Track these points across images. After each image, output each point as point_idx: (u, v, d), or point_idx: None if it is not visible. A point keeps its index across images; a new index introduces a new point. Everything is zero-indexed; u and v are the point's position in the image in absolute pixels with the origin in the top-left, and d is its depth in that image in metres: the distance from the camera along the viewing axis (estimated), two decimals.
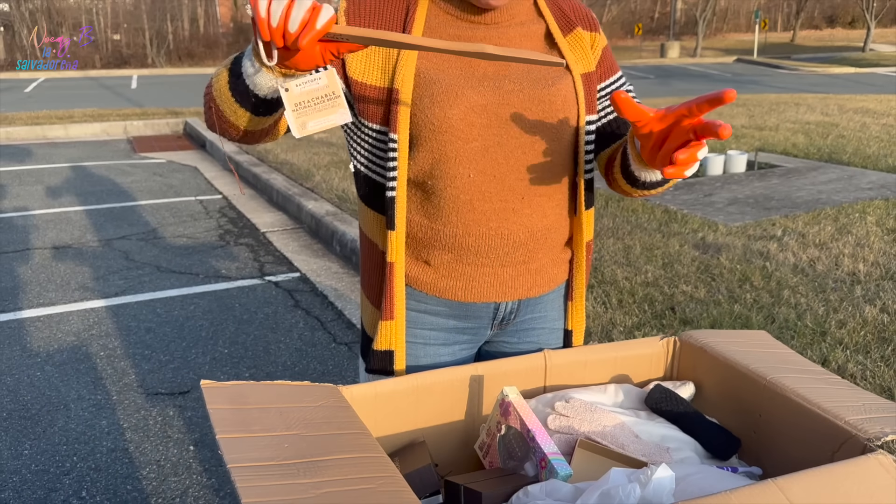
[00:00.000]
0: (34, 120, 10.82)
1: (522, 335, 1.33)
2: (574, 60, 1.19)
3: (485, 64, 1.13)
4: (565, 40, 1.20)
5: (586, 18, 1.24)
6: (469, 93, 1.10)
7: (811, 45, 38.56)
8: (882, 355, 2.56)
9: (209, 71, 26.50)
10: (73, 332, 3.46)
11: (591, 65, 1.21)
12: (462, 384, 1.24)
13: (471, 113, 1.10)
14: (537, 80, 1.14)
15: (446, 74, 1.11)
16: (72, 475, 2.36)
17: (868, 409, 1.17)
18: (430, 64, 1.12)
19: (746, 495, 0.93)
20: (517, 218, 1.17)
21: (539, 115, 1.13)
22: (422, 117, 1.10)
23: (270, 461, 0.87)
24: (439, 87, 1.09)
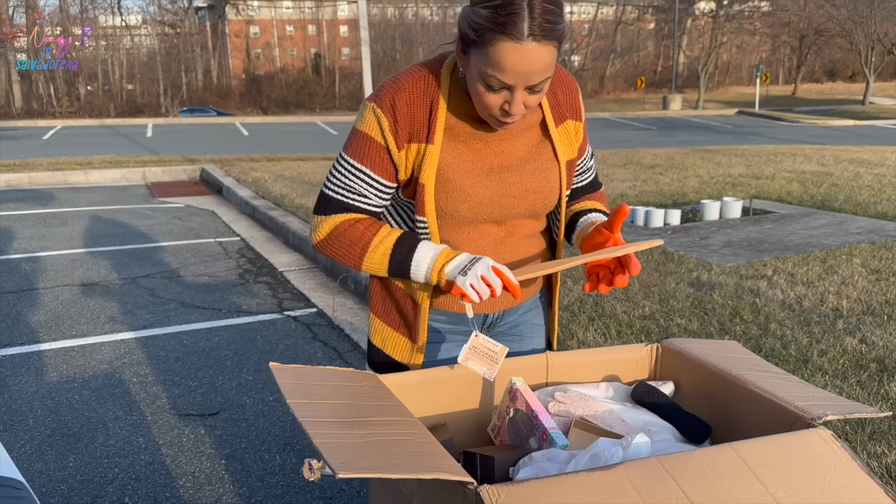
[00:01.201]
0: (55, 165, 11.21)
1: (507, 334, 1.63)
2: (562, 150, 1.46)
3: (492, 158, 1.40)
4: (557, 130, 1.45)
5: (574, 108, 1.47)
6: (477, 189, 1.39)
7: (812, 97, 39.29)
8: (858, 380, 2.78)
9: (222, 121, 27.10)
10: (106, 361, 3.69)
11: (574, 151, 1.49)
12: (476, 377, 1.48)
13: (478, 205, 1.40)
14: (533, 173, 1.43)
15: (460, 173, 1.38)
16: (114, 484, 2.58)
17: (815, 398, 1.41)
18: (449, 160, 1.38)
19: (707, 454, 1.17)
20: (504, 257, 1.50)
21: (531, 202, 1.45)
22: (441, 206, 1.40)
23: (330, 418, 1.12)
24: (453, 186, 1.38)
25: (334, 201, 1.42)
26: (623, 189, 7.98)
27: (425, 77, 1.37)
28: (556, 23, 1.20)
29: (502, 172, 1.41)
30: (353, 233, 1.40)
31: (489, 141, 1.40)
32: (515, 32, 1.17)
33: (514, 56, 1.19)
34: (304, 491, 2.51)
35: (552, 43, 1.21)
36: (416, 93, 1.36)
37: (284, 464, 2.68)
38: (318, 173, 10.02)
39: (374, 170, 1.38)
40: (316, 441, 1.03)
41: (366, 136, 1.37)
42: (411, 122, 1.36)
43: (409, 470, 1.00)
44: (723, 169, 9.69)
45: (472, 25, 1.22)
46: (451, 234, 1.45)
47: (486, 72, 1.22)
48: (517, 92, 1.24)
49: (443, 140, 1.38)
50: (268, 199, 7.78)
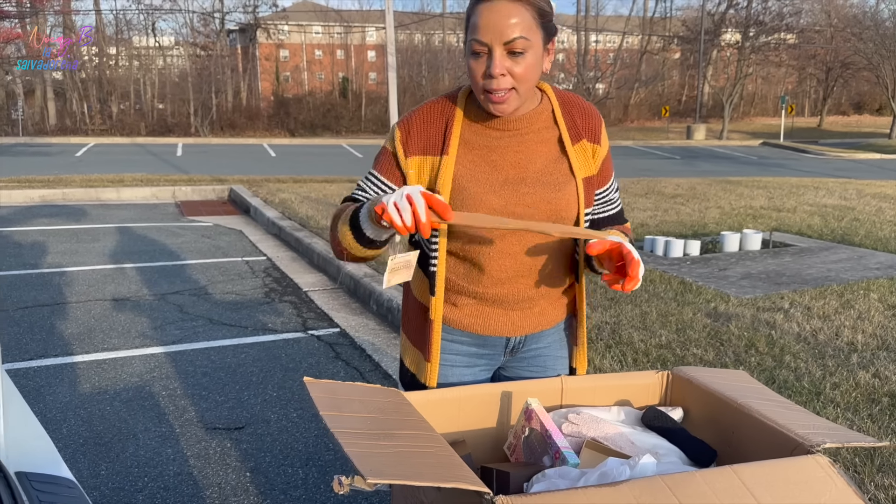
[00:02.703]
0: (88, 182, 11.49)
1: (530, 361, 1.70)
2: (579, 167, 1.52)
3: (508, 169, 1.47)
4: (573, 148, 1.52)
5: (592, 132, 1.55)
6: (491, 198, 1.46)
7: (838, 130, 39.06)
8: (869, 413, 2.83)
9: (250, 142, 27.52)
10: (137, 374, 3.82)
11: (594, 170, 1.55)
12: (494, 398, 1.58)
13: (491, 213, 1.45)
14: (548, 184, 1.48)
15: (474, 182, 1.46)
16: (144, 493, 2.69)
17: (815, 427, 1.48)
18: (464, 170, 1.47)
19: (708, 475, 1.25)
20: (526, 280, 1.56)
21: (547, 212, 1.49)
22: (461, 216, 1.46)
23: (359, 430, 1.22)
24: (468, 194, 1.46)
25: (347, 197, 1.59)
26: (644, 218, 8.04)
27: (444, 100, 1.52)
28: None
29: (517, 183, 1.48)
30: (337, 212, 1.53)
31: (504, 153, 1.48)
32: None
33: (486, 12, 1.33)
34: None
35: (521, 1, 1.34)
36: (433, 112, 1.50)
37: (307, 478, 2.78)
38: (342, 195, 10.19)
39: (381, 171, 1.52)
40: (347, 450, 1.13)
41: (383, 149, 1.54)
42: (426, 138, 1.48)
43: (431, 479, 1.09)
44: (744, 201, 9.72)
45: (466, 17, 1.40)
46: (469, 247, 1.52)
47: (469, 39, 1.37)
48: (496, 50, 1.34)
49: (458, 152, 1.48)
50: (294, 220, 7.95)
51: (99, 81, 35.66)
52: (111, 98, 35.14)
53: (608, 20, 47.67)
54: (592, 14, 46.31)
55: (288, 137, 31.07)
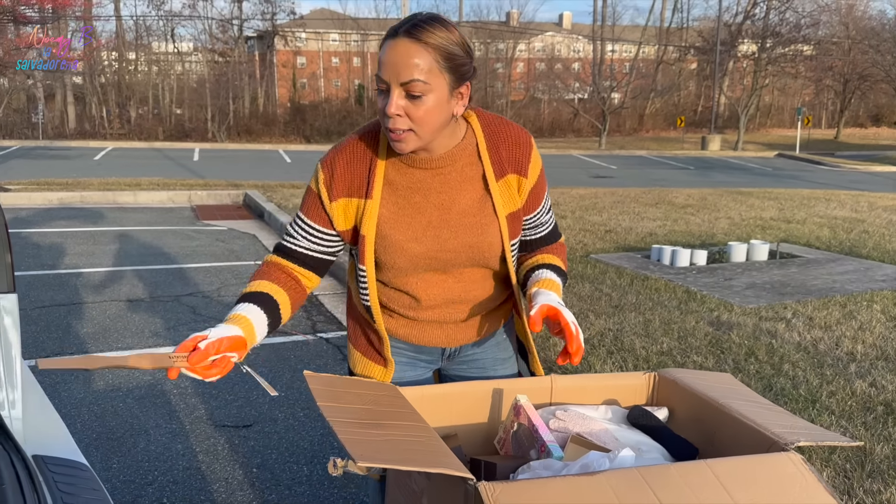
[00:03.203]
0: (106, 186, 11.68)
1: (469, 365, 1.78)
2: (502, 204, 1.51)
3: (431, 212, 1.49)
4: (497, 184, 1.51)
5: (518, 163, 1.52)
6: (412, 245, 1.49)
7: (855, 142, 38.83)
8: (864, 421, 2.88)
9: (266, 147, 27.77)
10: (149, 373, 3.92)
11: (518, 204, 1.54)
12: (486, 395, 1.65)
13: (413, 258, 1.51)
14: (470, 227, 1.50)
15: (397, 229, 1.49)
16: (154, 486, 2.78)
17: (792, 427, 1.55)
18: (388, 214, 1.49)
19: (683, 467, 1.33)
20: (458, 305, 1.63)
21: (469, 256, 1.54)
22: (380, 258, 1.53)
23: (353, 419, 1.30)
24: (390, 241, 1.49)
25: (278, 244, 1.61)
26: (653, 228, 8.09)
27: (366, 137, 1.50)
28: (430, 30, 1.34)
29: (439, 228, 1.50)
30: (258, 270, 1.58)
31: (428, 193, 1.49)
32: (391, 32, 1.36)
33: (388, 50, 1.34)
34: (329, 501, 2.68)
35: (422, 44, 1.33)
36: (357, 151, 1.49)
37: (311, 475, 2.86)
38: None
39: (308, 215, 1.53)
40: (341, 437, 1.21)
41: (308, 190, 1.55)
42: (350, 179, 1.49)
43: (419, 464, 1.17)
44: (755, 212, 9.74)
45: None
46: (400, 281, 1.58)
47: (376, 75, 1.39)
48: (394, 90, 1.34)
49: (382, 194, 1.49)
50: None
51: (118, 86, 36.11)
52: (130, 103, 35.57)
53: (625, 30, 47.70)
54: (609, 24, 46.38)
55: (303, 144, 31.31)
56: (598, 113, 34.86)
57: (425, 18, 1.37)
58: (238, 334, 1.42)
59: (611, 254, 6.51)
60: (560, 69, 44.10)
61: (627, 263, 5.98)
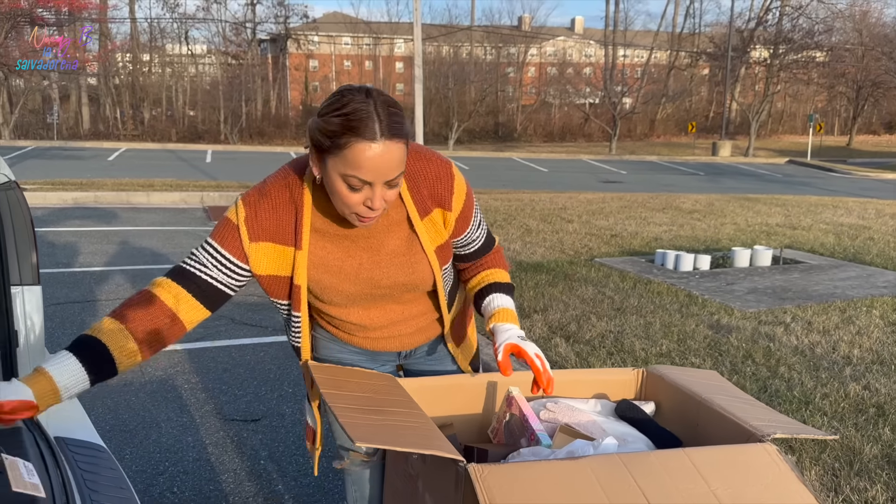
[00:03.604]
0: (119, 186, 11.84)
1: (422, 361, 1.87)
2: (429, 240, 1.57)
3: (360, 255, 1.54)
4: (422, 223, 1.55)
5: (440, 199, 1.55)
6: (346, 286, 1.55)
7: (868, 149, 38.66)
8: (855, 423, 2.95)
9: (278, 150, 27.96)
10: (161, 368, 4.03)
11: (444, 237, 1.60)
12: (481, 387, 1.74)
13: (349, 297, 1.58)
14: (401, 266, 1.57)
15: (329, 273, 1.54)
16: (165, 475, 2.88)
17: (770, 420, 1.63)
18: (318, 261, 1.53)
19: (662, 455, 1.41)
20: (402, 324, 1.72)
21: (403, 290, 1.62)
22: (313, 300, 1.61)
23: (354, 405, 1.39)
24: (324, 285, 1.55)
25: (176, 267, 1.54)
26: (658, 233, 8.16)
27: (289, 184, 1.49)
28: (401, 123, 1.35)
29: (371, 269, 1.55)
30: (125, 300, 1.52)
31: (356, 239, 1.53)
32: (368, 134, 1.31)
33: (370, 154, 1.31)
34: (332, 492, 2.77)
35: (401, 140, 1.35)
36: (281, 199, 1.48)
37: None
38: None
39: (223, 245, 1.48)
40: (341, 420, 1.30)
41: (224, 220, 1.50)
42: (275, 226, 1.48)
43: (413, 446, 1.26)
44: (761, 218, 9.79)
45: (325, 133, 1.34)
46: (341, 312, 1.64)
47: (346, 173, 1.34)
48: (377, 187, 1.36)
49: (311, 241, 1.51)
50: None
51: (132, 88, 36.44)
52: (143, 104, 35.88)
53: (636, 35, 47.71)
54: (621, 29, 46.41)
55: None
56: (608, 118, 34.90)
57: (391, 105, 1.36)
58: (27, 398, 1.34)
59: (615, 258, 6.58)
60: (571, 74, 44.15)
61: (631, 267, 6.05)
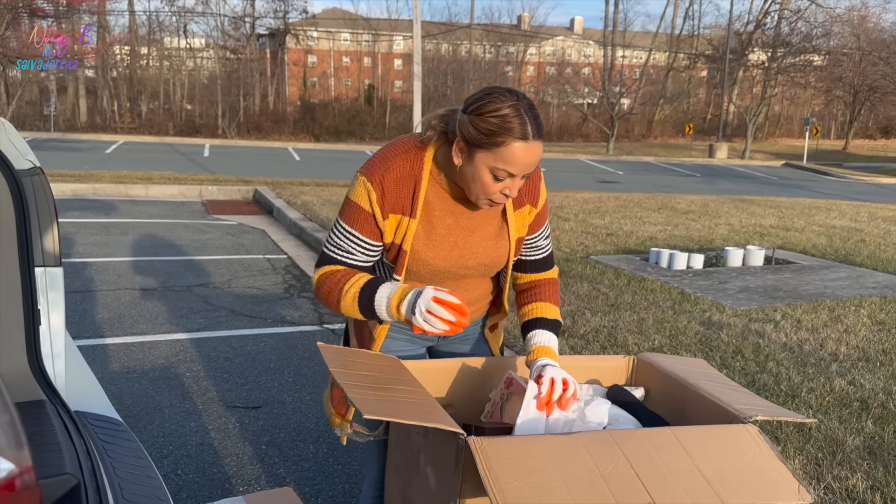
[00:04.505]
0: (118, 178, 11.89)
1: (456, 343, 1.99)
2: (515, 229, 1.77)
3: (457, 234, 1.71)
4: (515, 214, 1.76)
5: (533, 194, 1.77)
6: (437, 262, 1.72)
7: (864, 154, 38.86)
8: (839, 415, 3.05)
9: (276, 145, 27.99)
10: (163, 357, 4.11)
11: (525, 230, 1.80)
12: (481, 370, 1.83)
13: (435, 272, 1.73)
14: (487, 249, 1.75)
15: (427, 247, 1.70)
16: (169, 459, 2.96)
17: (753, 404, 1.72)
18: (421, 233, 1.69)
19: (649, 432, 1.50)
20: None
21: (482, 269, 1.78)
22: (409, 268, 1.73)
23: (361, 383, 1.48)
24: (419, 256, 1.70)
25: (327, 257, 1.73)
26: (653, 232, 8.26)
27: (411, 158, 1.66)
28: (542, 124, 1.55)
29: (462, 249, 1.72)
30: (331, 280, 1.69)
31: (459, 217, 1.71)
32: (523, 135, 1.50)
33: (523, 153, 1.51)
34: (332, 476, 2.86)
35: (543, 139, 1.55)
36: (402, 171, 1.65)
37: (317, 453, 3.04)
38: None
39: (363, 233, 1.68)
40: (350, 395, 1.39)
41: (357, 206, 1.67)
42: (397, 197, 1.65)
43: (417, 419, 1.35)
44: (755, 219, 9.90)
45: (480, 131, 1.51)
46: (424, 282, 1.77)
47: (497, 166, 1.53)
48: (517, 179, 1.57)
49: (421, 214, 1.68)
50: (315, 222, 8.25)
51: (130, 81, 36.45)
52: (141, 97, 35.89)
53: (636, 36, 47.83)
54: (620, 29, 46.52)
55: (313, 142, 31.55)
56: (606, 118, 35.02)
57: (534, 108, 1.54)
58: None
59: (610, 256, 6.68)
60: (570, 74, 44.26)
61: (626, 265, 6.15)
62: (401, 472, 1.67)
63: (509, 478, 1.29)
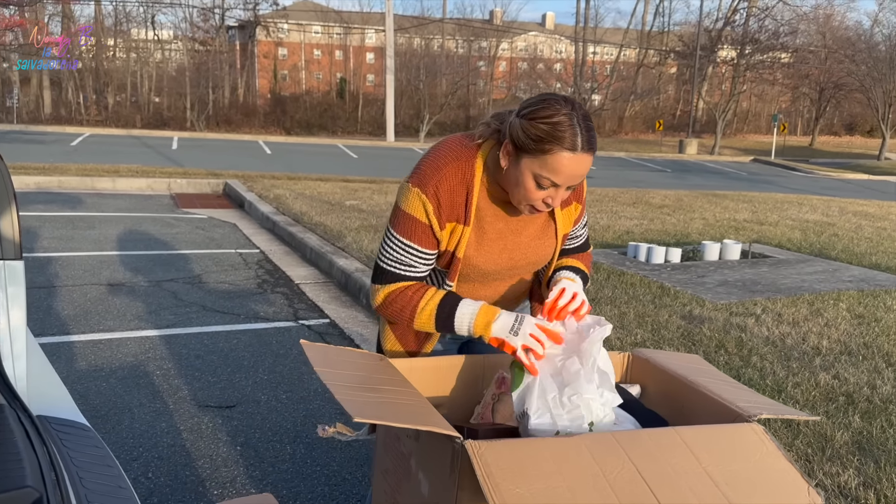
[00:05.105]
0: (84, 171, 11.60)
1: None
2: (561, 227, 1.76)
3: (508, 237, 1.70)
4: (562, 213, 1.76)
5: (579, 193, 1.78)
6: (489, 266, 1.71)
7: (829, 150, 39.48)
8: (826, 410, 3.02)
9: (246, 138, 27.62)
10: (132, 355, 3.96)
11: (571, 226, 1.80)
12: (472, 369, 1.75)
13: (486, 275, 1.73)
14: (536, 249, 1.74)
15: (479, 252, 1.69)
16: (139, 461, 2.83)
17: (755, 402, 1.66)
18: (474, 240, 1.67)
19: (654, 433, 1.43)
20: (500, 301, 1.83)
21: (530, 268, 1.80)
22: (462, 272, 1.70)
23: (348, 384, 1.38)
24: (471, 262, 1.69)
25: (388, 273, 1.68)
26: (630, 226, 8.24)
27: (462, 165, 1.62)
28: (595, 138, 1.52)
29: (512, 251, 1.72)
30: (402, 299, 1.67)
31: (508, 221, 1.69)
32: (572, 145, 1.47)
33: (570, 163, 1.48)
34: (311, 477, 2.75)
35: (593, 153, 1.52)
36: (455, 181, 1.62)
37: (294, 453, 2.93)
38: (337, 193, 10.35)
39: (422, 245, 1.65)
40: (338, 397, 1.29)
41: (413, 219, 1.63)
42: (452, 206, 1.62)
43: (409, 422, 1.26)
44: (729, 213, 9.95)
45: (529, 136, 1.48)
46: (463, 287, 1.76)
47: (541, 174, 1.50)
48: (561, 189, 1.54)
49: (474, 221, 1.66)
50: (288, 216, 8.10)
51: (96, 72, 35.70)
52: (108, 89, 35.18)
53: (606, 32, 48.04)
54: (591, 25, 46.67)
55: (284, 135, 31.20)
56: None
57: (589, 119, 1.50)
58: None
59: None
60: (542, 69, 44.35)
61: (604, 259, 6.11)
62: (389, 478, 1.58)
63: (510, 484, 1.21)
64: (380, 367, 1.53)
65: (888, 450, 2.70)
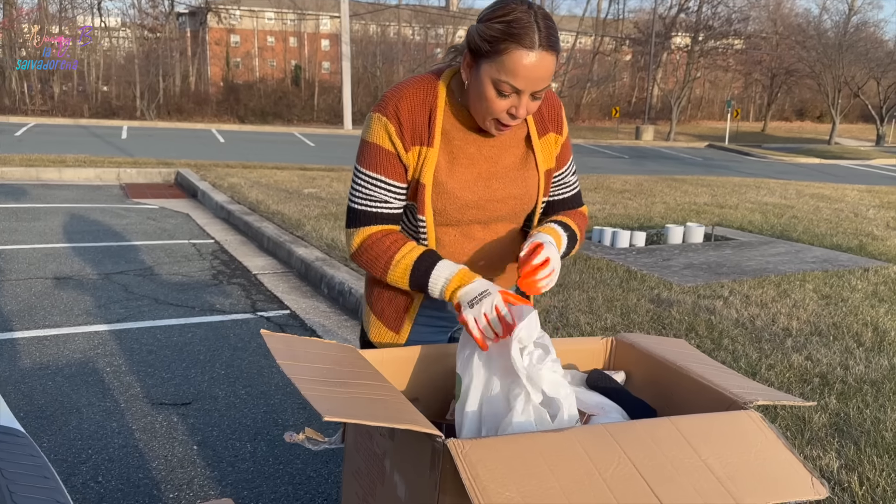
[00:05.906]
0: (28, 162, 11.15)
1: None
2: (542, 160, 1.62)
3: (482, 164, 1.55)
4: (539, 141, 1.61)
5: (556, 122, 1.64)
6: (465, 193, 1.55)
7: (781, 135, 40.26)
8: (802, 392, 2.97)
9: (199, 126, 27.01)
10: (80, 351, 3.75)
11: (553, 161, 1.65)
12: (447, 359, 1.61)
13: (464, 207, 1.56)
14: (515, 180, 1.58)
15: (452, 177, 1.54)
16: (88, 464, 2.65)
17: (748, 387, 1.56)
18: (444, 164, 1.53)
19: (648, 424, 1.32)
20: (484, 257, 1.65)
21: (512, 206, 1.61)
22: (434, 206, 1.55)
23: (315, 378, 1.25)
24: (444, 188, 1.53)
25: (360, 213, 1.55)
26: (593, 211, 8.20)
27: (424, 87, 1.52)
28: (557, 36, 1.39)
29: (489, 179, 1.56)
30: (379, 246, 1.52)
31: (481, 146, 1.55)
32: (528, 42, 1.34)
33: (527, 62, 1.35)
34: (274, 477, 2.61)
35: (555, 53, 1.39)
36: (416, 100, 1.50)
37: (255, 451, 2.78)
38: (294, 182, 10.11)
39: (390, 175, 1.52)
40: (305, 393, 1.15)
41: (377, 147, 1.51)
42: (414, 127, 1.50)
43: (385, 420, 1.13)
44: (689, 197, 9.99)
45: (485, 38, 1.37)
46: (440, 233, 1.59)
47: (500, 78, 1.38)
48: (524, 96, 1.40)
49: (440, 143, 1.53)
50: (243, 205, 7.86)
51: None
52: (53, 78, 34.05)
53: (562, 20, 48.15)
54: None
55: (237, 124, 30.59)
56: None
57: (549, 19, 1.39)
58: None
59: None
60: None
61: None
62: (361, 479, 1.45)
63: (499, 486, 1.09)
64: (349, 360, 1.40)
65: (866, 430, 2.65)
